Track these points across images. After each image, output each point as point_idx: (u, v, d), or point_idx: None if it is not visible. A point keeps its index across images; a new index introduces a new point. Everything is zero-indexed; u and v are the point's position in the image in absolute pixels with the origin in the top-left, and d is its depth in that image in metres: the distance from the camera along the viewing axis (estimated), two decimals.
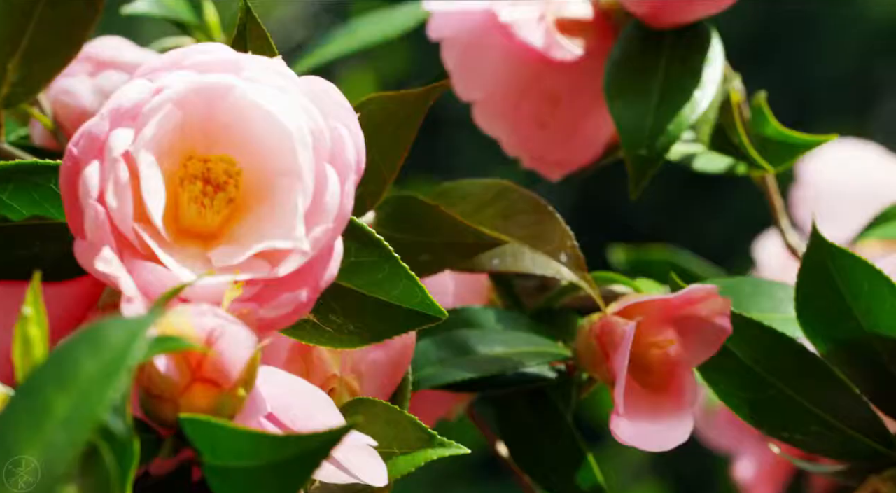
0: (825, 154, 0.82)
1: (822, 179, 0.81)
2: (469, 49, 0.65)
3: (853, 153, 0.82)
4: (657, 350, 0.60)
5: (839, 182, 0.80)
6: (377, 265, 0.54)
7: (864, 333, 0.58)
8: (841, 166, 0.81)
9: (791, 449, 0.62)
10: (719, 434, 0.85)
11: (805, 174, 0.82)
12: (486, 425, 0.67)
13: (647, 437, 0.58)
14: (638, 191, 0.62)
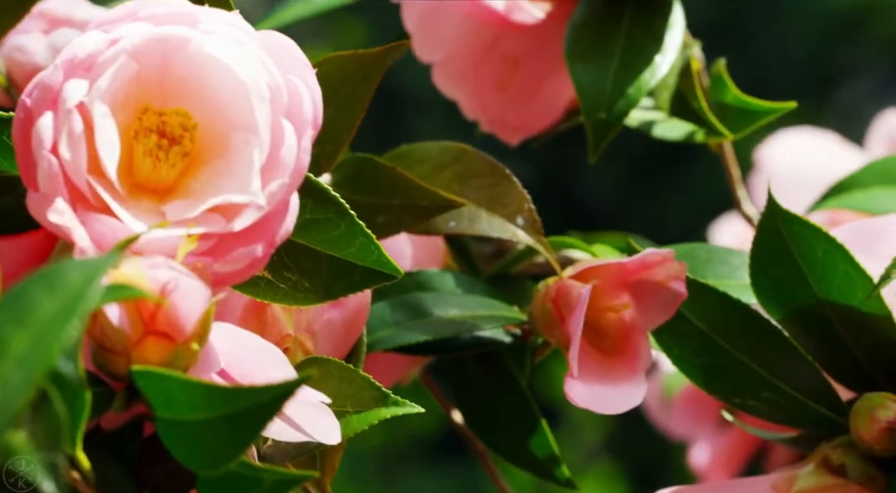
0: (783, 141, 0.82)
1: (779, 165, 0.81)
2: (429, 10, 0.64)
3: (810, 141, 0.82)
4: (612, 314, 0.60)
5: (796, 169, 0.80)
6: (333, 223, 0.54)
7: (817, 300, 0.59)
8: (798, 154, 0.81)
9: (744, 417, 0.62)
10: (676, 421, 0.86)
11: (762, 161, 0.82)
12: (441, 391, 0.67)
13: (601, 400, 0.58)
14: (597, 154, 0.62)
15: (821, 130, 0.83)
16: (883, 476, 0.58)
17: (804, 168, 0.80)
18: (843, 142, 0.82)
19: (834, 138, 0.82)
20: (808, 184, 0.78)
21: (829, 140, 0.82)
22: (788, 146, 0.82)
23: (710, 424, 0.83)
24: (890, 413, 0.58)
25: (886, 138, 0.81)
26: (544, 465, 0.63)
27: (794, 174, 0.80)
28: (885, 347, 0.59)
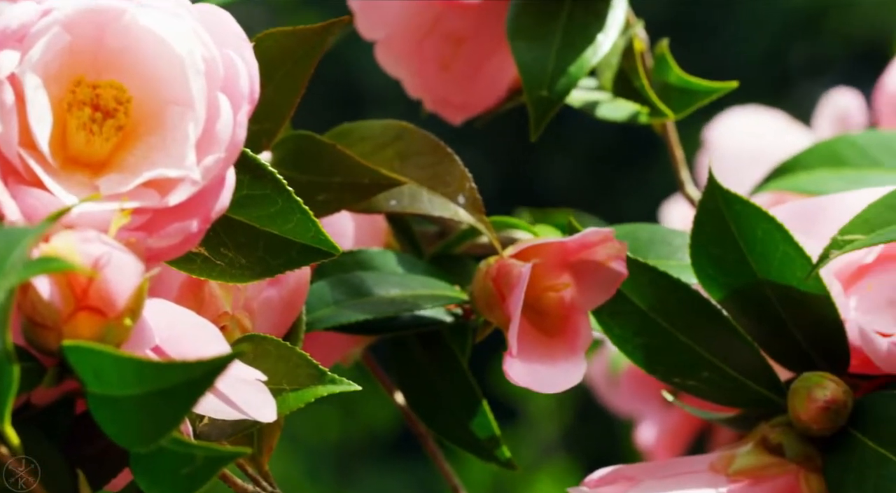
0: (730, 120, 0.82)
1: (727, 144, 0.81)
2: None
3: (758, 119, 0.82)
4: (553, 294, 0.60)
5: (743, 147, 0.80)
6: (270, 199, 0.54)
7: (756, 280, 0.59)
8: (746, 132, 0.81)
9: (685, 397, 0.62)
10: (622, 399, 0.86)
11: (710, 139, 0.82)
12: (383, 372, 0.67)
13: (539, 379, 0.58)
14: (538, 132, 0.62)
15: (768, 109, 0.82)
16: (820, 455, 0.58)
17: (751, 146, 0.80)
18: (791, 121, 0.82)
19: (781, 117, 0.82)
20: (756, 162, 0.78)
21: (776, 118, 0.82)
22: (736, 125, 0.82)
23: (655, 401, 0.83)
24: (827, 392, 0.58)
25: (832, 117, 0.81)
26: (485, 446, 0.63)
27: (741, 152, 0.80)
28: (824, 326, 0.59)
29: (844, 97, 0.81)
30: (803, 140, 0.80)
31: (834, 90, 0.81)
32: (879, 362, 0.58)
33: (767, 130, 0.81)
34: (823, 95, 0.81)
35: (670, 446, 0.83)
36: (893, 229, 0.57)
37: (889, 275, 0.60)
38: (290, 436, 2.39)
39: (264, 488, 0.57)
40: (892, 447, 0.56)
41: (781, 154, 0.71)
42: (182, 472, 0.48)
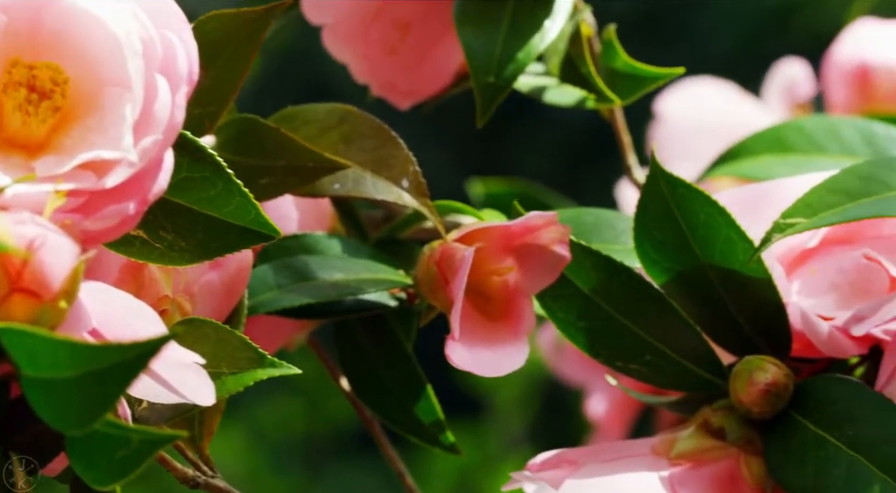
0: (682, 91, 0.82)
1: (678, 115, 0.81)
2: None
3: (709, 90, 0.82)
4: (496, 278, 0.60)
5: (695, 119, 0.80)
6: (210, 181, 0.54)
7: (699, 264, 0.59)
8: (697, 103, 0.81)
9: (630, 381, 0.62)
10: (570, 368, 0.85)
11: (661, 111, 0.82)
12: (329, 356, 0.67)
13: (482, 362, 0.58)
14: (485, 119, 0.62)
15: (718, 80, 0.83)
16: (761, 438, 0.58)
17: (703, 118, 0.80)
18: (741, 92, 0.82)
19: (732, 88, 0.82)
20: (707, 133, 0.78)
21: (727, 90, 0.82)
22: (687, 97, 0.82)
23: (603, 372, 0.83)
24: (768, 376, 0.58)
25: (781, 88, 0.81)
26: (429, 430, 0.62)
27: (692, 124, 0.81)
28: (766, 310, 0.59)
29: (792, 68, 0.81)
30: (754, 112, 0.80)
31: (784, 61, 0.81)
32: (821, 345, 0.58)
33: (718, 101, 0.81)
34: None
35: (620, 417, 0.83)
36: (835, 213, 0.58)
37: (832, 259, 0.60)
38: (256, 431, 2.39)
39: (204, 472, 0.57)
40: (831, 429, 0.56)
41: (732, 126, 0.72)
42: (117, 455, 0.48)
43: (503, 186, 0.79)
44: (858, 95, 0.77)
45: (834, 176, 0.58)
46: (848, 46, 0.78)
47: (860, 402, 0.56)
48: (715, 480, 0.57)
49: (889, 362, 0.57)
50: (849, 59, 0.78)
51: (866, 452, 0.55)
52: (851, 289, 0.59)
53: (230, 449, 2.37)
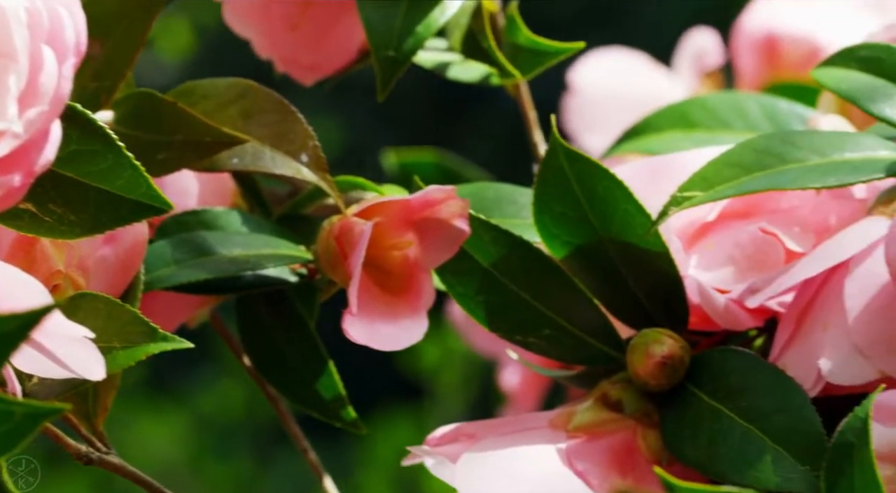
0: (594, 62, 0.82)
1: (591, 87, 0.81)
2: None
3: (621, 62, 0.82)
4: (396, 252, 0.59)
5: (607, 90, 0.80)
6: (100, 154, 0.53)
7: (598, 237, 0.59)
8: (609, 75, 0.81)
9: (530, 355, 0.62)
10: (482, 340, 0.85)
11: (574, 83, 0.82)
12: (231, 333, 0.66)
13: (380, 337, 0.58)
14: (385, 93, 0.62)
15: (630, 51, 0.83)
16: (658, 411, 0.58)
17: (615, 89, 0.81)
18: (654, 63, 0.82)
19: (643, 58, 0.82)
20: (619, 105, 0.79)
21: (638, 60, 0.82)
22: (599, 67, 0.82)
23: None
24: (664, 348, 0.58)
25: (690, 56, 0.81)
26: (330, 406, 0.62)
27: (605, 95, 0.81)
28: (664, 284, 0.59)
29: (701, 37, 0.81)
30: (664, 82, 0.80)
31: (694, 30, 0.81)
32: (717, 318, 0.58)
33: (629, 72, 0.81)
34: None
35: (533, 388, 0.83)
36: (730, 186, 0.58)
37: (729, 232, 0.60)
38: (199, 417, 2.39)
39: (98, 448, 0.56)
40: (726, 401, 0.57)
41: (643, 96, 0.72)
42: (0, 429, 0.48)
43: (417, 157, 0.78)
44: (766, 64, 0.78)
45: (730, 150, 0.58)
46: (757, 16, 0.79)
47: (754, 373, 0.57)
48: (611, 452, 0.58)
49: (782, 333, 0.57)
50: (757, 28, 0.78)
51: (759, 422, 0.56)
52: (748, 262, 0.60)
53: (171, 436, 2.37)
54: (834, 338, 0.55)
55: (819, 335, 0.56)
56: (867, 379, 0.54)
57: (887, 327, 0.54)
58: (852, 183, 0.57)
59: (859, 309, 0.55)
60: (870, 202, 0.59)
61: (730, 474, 0.55)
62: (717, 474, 0.56)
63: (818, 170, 0.57)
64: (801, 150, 0.58)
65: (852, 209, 0.60)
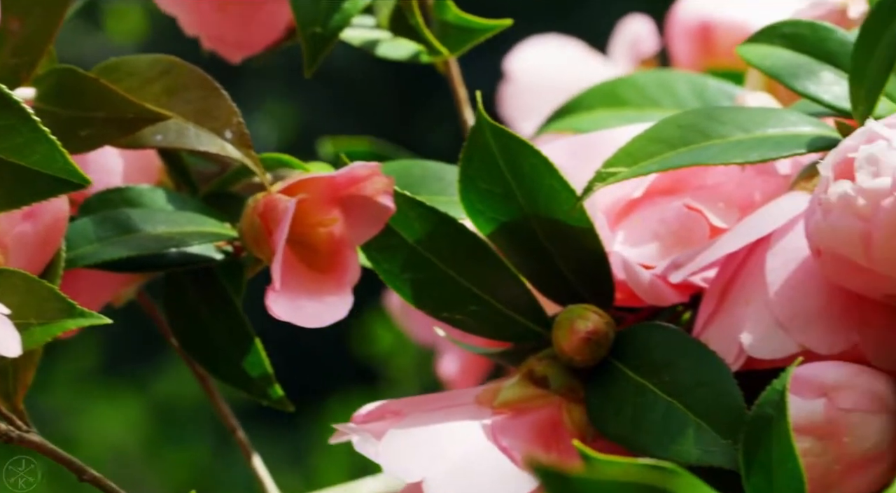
0: (530, 50, 0.83)
1: (526, 75, 0.82)
2: None
3: (557, 49, 0.82)
4: (321, 229, 0.59)
5: (543, 78, 0.81)
6: (15, 129, 0.53)
7: (523, 214, 0.59)
8: (545, 62, 0.81)
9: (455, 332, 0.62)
10: (419, 329, 0.85)
11: (510, 70, 0.82)
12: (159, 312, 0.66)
13: (304, 314, 0.58)
14: (312, 69, 0.62)
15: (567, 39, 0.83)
16: (583, 387, 0.58)
17: (550, 76, 0.81)
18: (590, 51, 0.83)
19: (579, 47, 0.83)
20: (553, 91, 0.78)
21: (574, 47, 0.83)
22: (535, 55, 0.82)
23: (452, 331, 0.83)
24: (589, 324, 0.58)
25: (625, 44, 0.81)
26: (257, 384, 0.62)
27: (539, 82, 0.81)
28: (589, 260, 0.59)
29: (636, 24, 0.81)
30: (600, 69, 0.80)
31: (629, 17, 0.82)
32: (642, 294, 0.59)
33: (566, 59, 0.82)
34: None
35: (472, 374, 0.83)
36: (655, 162, 0.58)
37: (655, 209, 0.60)
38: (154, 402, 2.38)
39: (18, 427, 0.56)
40: (649, 376, 0.57)
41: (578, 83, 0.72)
42: None
43: (351, 145, 0.78)
44: (700, 51, 0.78)
45: (655, 126, 0.58)
46: (691, 4, 0.79)
47: (677, 348, 0.57)
48: (536, 428, 0.58)
49: (706, 308, 0.57)
50: (692, 16, 0.79)
51: (682, 397, 0.56)
52: (673, 238, 0.60)
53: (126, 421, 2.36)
54: (755, 312, 0.55)
55: (741, 310, 0.56)
56: (788, 353, 0.55)
57: (807, 301, 0.55)
58: (774, 158, 0.57)
59: (780, 283, 0.55)
60: (793, 178, 0.59)
61: (652, 448, 0.56)
62: (640, 448, 0.56)
63: (741, 146, 0.57)
64: (724, 126, 0.58)
65: (777, 185, 0.60)
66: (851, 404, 0.53)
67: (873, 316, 0.54)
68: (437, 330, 0.62)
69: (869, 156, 0.53)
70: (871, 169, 0.52)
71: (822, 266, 0.54)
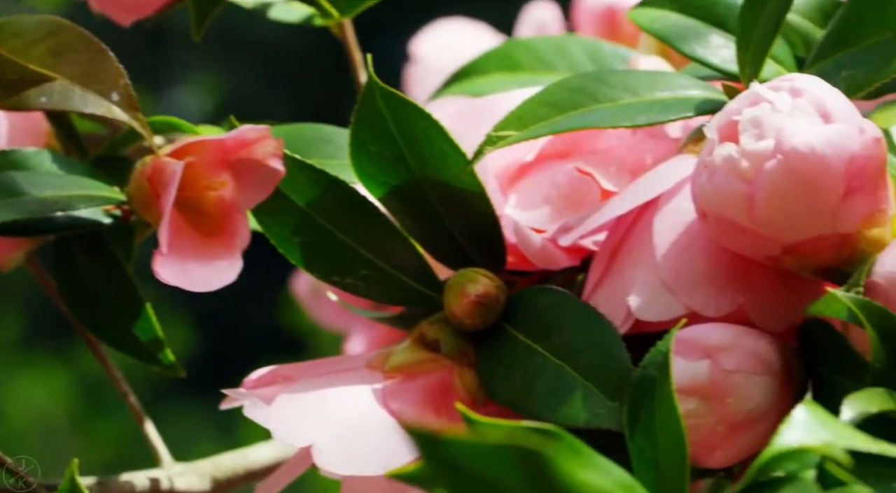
0: (436, 32, 0.82)
1: (432, 56, 0.81)
2: None
3: (463, 31, 0.82)
4: (211, 192, 0.59)
5: (447, 59, 0.80)
6: None
7: (415, 177, 0.59)
8: (450, 44, 0.81)
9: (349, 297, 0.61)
10: (327, 314, 0.85)
11: (415, 52, 0.82)
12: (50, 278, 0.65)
13: (192, 278, 0.57)
14: (200, 32, 0.61)
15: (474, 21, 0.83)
16: (474, 350, 0.58)
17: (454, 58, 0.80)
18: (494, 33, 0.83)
19: (485, 29, 0.83)
20: None
21: (480, 31, 0.82)
22: (441, 38, 0.82)
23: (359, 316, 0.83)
24: (479, 287, 0.58)
25: (531, 29, 0.81)
26: (147, 349, 0.62)
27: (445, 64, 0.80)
28: (481, 224, 0.59)
29: (541, 10, 0.81)
30: None
31: (534, 2, 0.81)
32: (533, 257, 0.59)
33: (472, 41, 0.81)
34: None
35: None
36: (544, 125, 0.58)
37: (546, 173, 0.60)
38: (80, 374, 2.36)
39: None
40: (539, 339, 0.57)
41: None
42: None
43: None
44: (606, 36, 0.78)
45: (545, 89, 0.58)
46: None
47: (567, 311, 0.57)
48: (427, 392, 0.58)
49: (595, 271, 0.57)
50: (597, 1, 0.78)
51: (570, 359, 0.56)
52: (564, 202, 0.60)
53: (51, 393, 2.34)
54: (643, 275, 0.56)
55: (629, 272, 0.56)
56: (674, 315, 0.55)
57: (693, 263, 0.55)
58: (663, 122, 0.57)
59: (667, 246, 0.55)
60: (682, 141, 0.59)
61: (542, 411, 0.56)
62: (530, 412, 0.56)
63: (630, 109, 0.57)
64: (613, 89, 0.58)
65: (667, 149, 0.60)
66: (735, 365, 0.53)
67: (757, 278, 0.54)
68: (328, 294, 0.62)
69: (753, 118, 0.53)
70: (755, 132, 0.52)
71: (707, 229, 0.54)
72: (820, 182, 0.52)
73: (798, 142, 0.52)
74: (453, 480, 0.43)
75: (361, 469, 0.55)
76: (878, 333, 0.50)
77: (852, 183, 0.52)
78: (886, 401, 0.48)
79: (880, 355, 0.50)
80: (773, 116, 0.52)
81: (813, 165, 0.52)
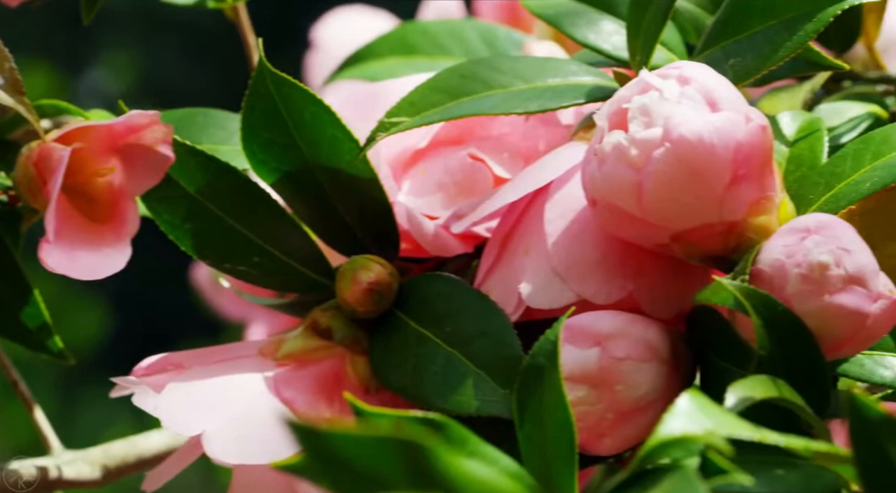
0: (337, 19, 0.82)
1: (331, 43, 0.81)
2: None
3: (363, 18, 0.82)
4: (100, 179, 0.58)
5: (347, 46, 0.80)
6: None
7: (306, 164, 0.58)
8: (350, 31, 0.81)
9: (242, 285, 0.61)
10: (228, 304, 0.85)
11: (317, 38, 0.82)
12: None
13: (80, 265, 0.57)
14: (90, 16, 0.60)
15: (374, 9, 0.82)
16: (367, 337, 0.58)
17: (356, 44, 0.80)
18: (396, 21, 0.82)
19: (386, 17, 0.82)
20: None
21: (380, 18, 0.82)
22: (341, 25, 0.82)
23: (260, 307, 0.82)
24: (371, 275, 0.58)
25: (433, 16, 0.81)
26: (35, 336, 0.61)
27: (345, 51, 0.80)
28: (374, 210, 0.59)
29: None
30: None
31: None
32: (426, 244, 0.58)
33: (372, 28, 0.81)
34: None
35: None
36: (436, 112, 0.57)
37: (439, 159, 0.60)
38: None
39: None
40: (431, 326, 0.57)
41: None
42: None
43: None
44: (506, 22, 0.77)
45: (437, 75, 0.58)
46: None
47: (458, 299, 0.57)
48: (319, 379, 0.57)
49: (487, 258, 0.57)
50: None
51: (462, 347, 0.56)
52: (457, 188, 0.59)
53: None
54: (534, 262, 0.55)
55: (521, 260, 0.56)
56: (565, 303, 0.55)
57: (583, 251, 0.55)
58: (554, 108, 0.57)
59: (558, 233, 0.55)
60: (574, 128, 0.59)
61: (433, 399, 0.55)
62: (422, 399, 0.56)
63: (521, 95, 0.57)
64: (505, 75, 0.58)
65: (561, 135, 0.60)
66: (624, 352, 0.53)
67: (647, 266, 0.54)
68: (221, 281, 0.61)
69: (641, 106, 0.53)
70: (644, 119, 0.52)
71: (597, 216, 0.54)
72: (707, 170, 0.52)
73: (685, 130, 0.52)
74: (335, 473, 0.42)
75: (251, 458, 0.55)
76: (762, 320, 0.50)
77: (739, 171, 0.52)
78: (770, 389, 0.49)
79: (765, 343, 0.50)
80: (662, 104, 0.52)
81: (700, 153, 0.52)
